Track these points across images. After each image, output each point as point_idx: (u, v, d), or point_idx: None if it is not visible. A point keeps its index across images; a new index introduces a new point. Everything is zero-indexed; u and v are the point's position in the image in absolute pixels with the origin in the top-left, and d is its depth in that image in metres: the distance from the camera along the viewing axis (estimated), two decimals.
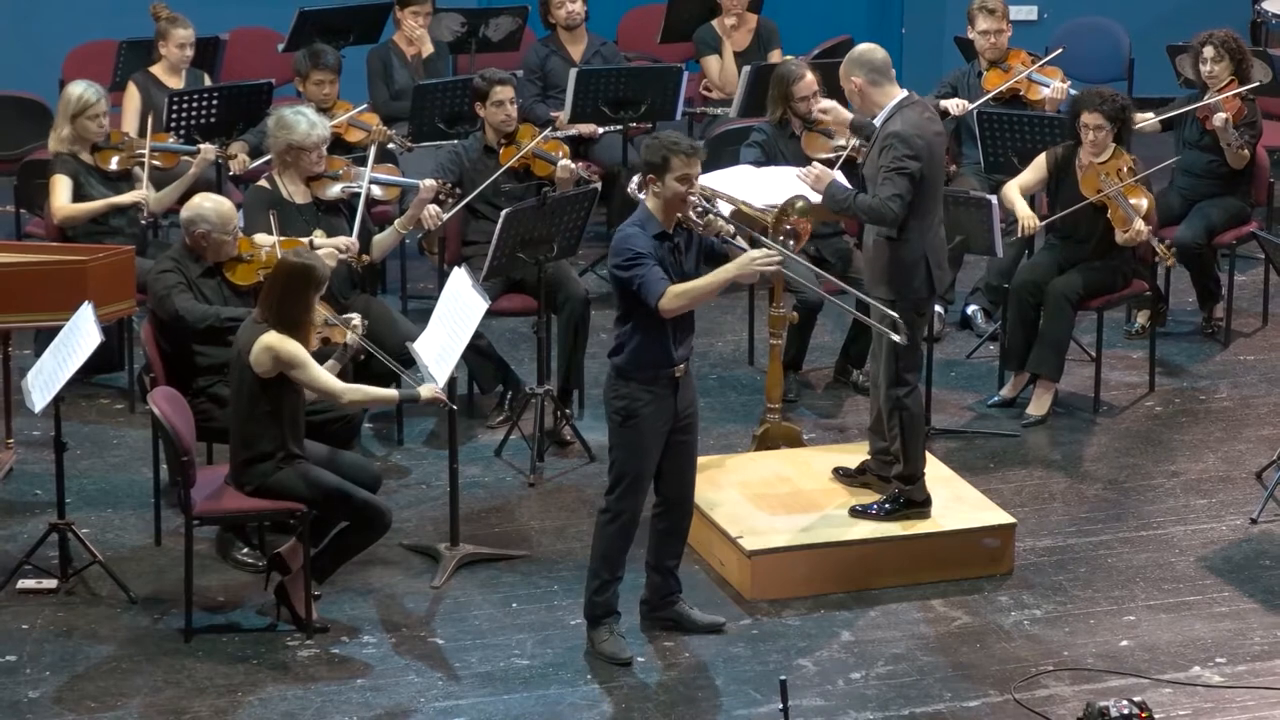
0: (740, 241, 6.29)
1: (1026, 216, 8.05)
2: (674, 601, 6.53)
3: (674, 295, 6.11)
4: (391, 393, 6.76)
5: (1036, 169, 8.14)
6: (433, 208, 7.94)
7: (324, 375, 6.50)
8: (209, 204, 7.14)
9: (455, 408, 6.77)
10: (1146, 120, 8.47)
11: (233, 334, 6.80)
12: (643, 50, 10.66)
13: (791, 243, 6.45)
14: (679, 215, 6.20)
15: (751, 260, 6.15)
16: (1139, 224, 7.88)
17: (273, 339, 6.40)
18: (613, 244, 6.20)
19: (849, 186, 6.91)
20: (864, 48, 6.82)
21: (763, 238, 6.32)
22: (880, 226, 6.71)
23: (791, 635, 6.53)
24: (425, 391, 6.58)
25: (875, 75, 6.72)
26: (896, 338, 6.58)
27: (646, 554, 6.50)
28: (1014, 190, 8.12)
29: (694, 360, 8.64)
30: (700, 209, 6.24)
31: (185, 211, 7.15)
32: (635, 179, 6.76)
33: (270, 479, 6.47)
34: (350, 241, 7.62)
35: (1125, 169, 7.98)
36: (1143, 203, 7.96)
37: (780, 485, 7.18)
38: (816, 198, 6.97)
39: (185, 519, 6.47)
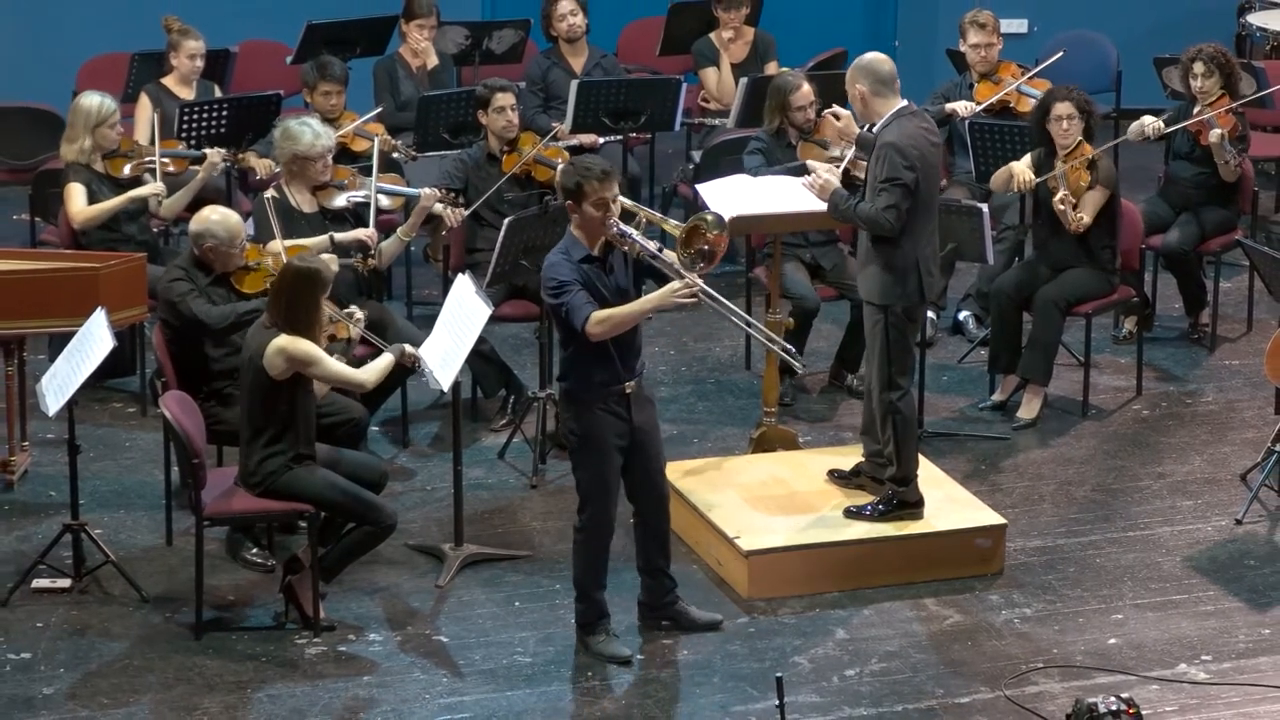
0: (668, 256, 6.25)
1: (1022, 172, 8.08)
2: (672, 601, 6.58)
3: (597, 321, 6.13)
4: (389, 357, 6.76)
5: (1024, 162, 8.17)
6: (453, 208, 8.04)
7: (341, 367, 6.57)
8: (216, 217, 7.16)
9: (416, 367, 6.78)
10: (1155, 126, 8.51)
11: (245, 328, 6.85)
12: (642, 62, 10.66)
13: (702, 264, 6.17)
14: (602, 237, 6.21)
15: (672, 293, 6.19)
16: (1061, 193, 7.94)
17: (285, 341, 6.45)
18: (542, 272, 6.24)
19: (847, 194, 6.97)
20: (873, 57, 6.86)
21: (687, 273, 6.19)
22: (879, 234, 6.85)
23: (787, 633, 6.58)
24: (409, 349, 6.72)
25: (879, 86, 6.79)
26: (796, 365, 6.78)
27: (636, 558, 6.55)
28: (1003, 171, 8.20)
29: (693, 365, 8.76)
30: (617, 232, 6.21)
31: (194, 225, 7.19)
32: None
33: (279, 479, 6.52)
34: (370, 233, 7.71)
35: (1079, 156, 8.04)
36: (1074, 177, 7.98)
37: (776, 487, 7.23)
38: (821, 205, 7.08)
39: (196, 520, 6.52)
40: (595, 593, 6.43)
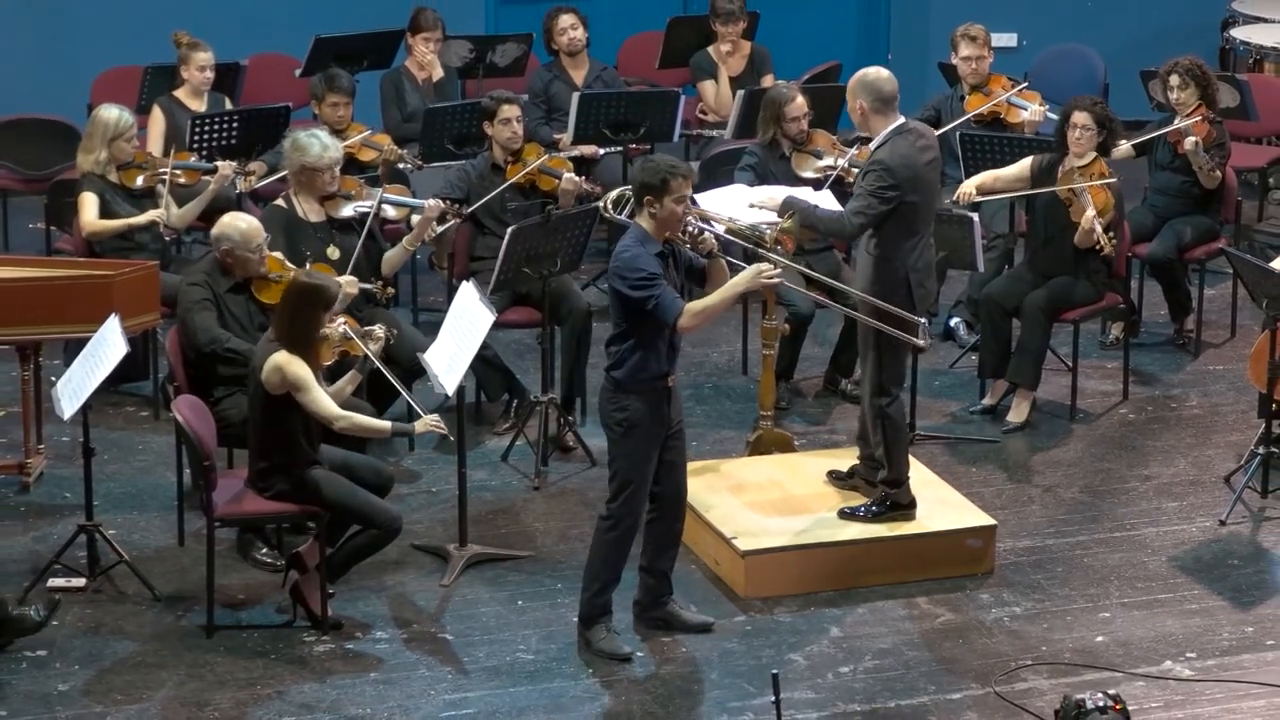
0: (726, 256, 6.48)
1: (968, 184, 8.20)
2: (666, 603, 6.65)
3: (691, 314, 6.27)
4: (384, 424, 6.80)
5: (1019, 167, 8.27)
6: (433, 225, 8.13)
7: (323, 401, 6.56)
8: (238, 222, 7.28)
9: (452, 438, 6.84)
10: (1119, 147, 8.58)
11: (229, 364, 6.97)
12: (642, 75, 10.72)
13: (780, 246, 6.80)
14: (669, 233, 6.39)
15: (759, 273, 6.38)
16: (1090, 211, 8.00)
17: (282, 359, 6.50)
18: (617, 263, 6.31)
19: (805, 201, 7.11)
20: (876, 75, 6.92)
21: (766, 251, 6.54)
22: (839, 239, 7.03)
23: (783, 631, 6.66)
24: (420, 426, 6.65)
25: (879, 104, 6.88)
26: (920, 343, 6.85)
27: (641, 557, 6.60)
28: (984, 173, 8.28)
29: (690, 370, 8.85)
30: (695, 228, 6.44)
31: (215, 230, 7.32)
32: (611, 197, 6.87)
33: (286, 486, 6.61)
34: (366, 287, 7.70)
35: (1097, 173, 8.15)
36: (1101, 197, 8.05)
37: (773, 489, 7.32)
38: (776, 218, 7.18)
39: (207, 521, 6.61)
40: (608, 586, 6.49)
